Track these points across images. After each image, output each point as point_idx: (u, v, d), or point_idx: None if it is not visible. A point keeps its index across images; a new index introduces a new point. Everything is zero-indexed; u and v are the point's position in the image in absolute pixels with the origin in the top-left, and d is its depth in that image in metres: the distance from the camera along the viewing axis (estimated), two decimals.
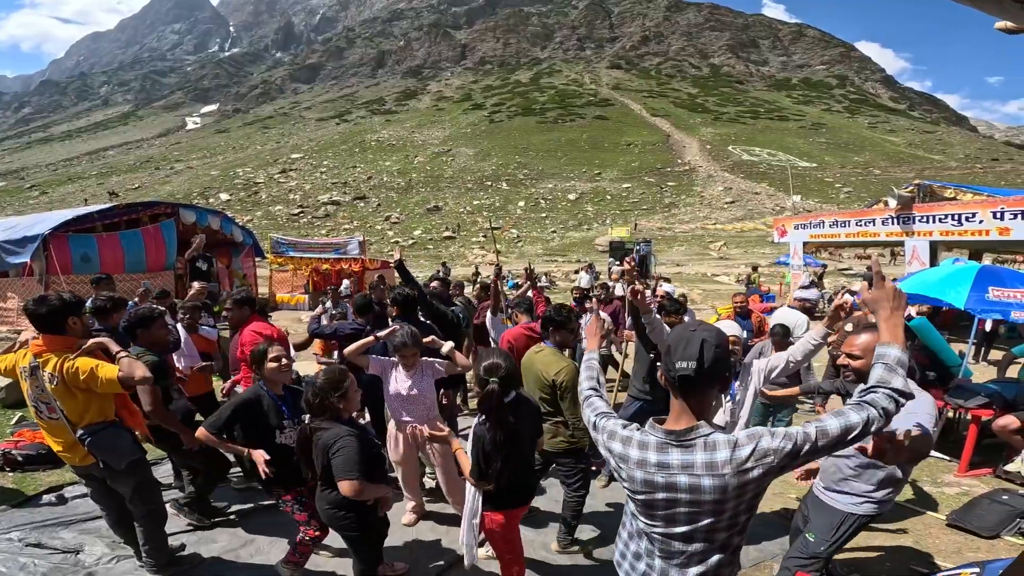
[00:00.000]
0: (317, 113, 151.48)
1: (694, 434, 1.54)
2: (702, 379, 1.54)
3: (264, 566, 3.35)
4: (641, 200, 64.74)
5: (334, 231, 50.58)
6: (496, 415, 2.47)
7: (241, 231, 13.91)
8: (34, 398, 2.84)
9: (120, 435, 2.89)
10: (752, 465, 1.49)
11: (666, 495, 1.57)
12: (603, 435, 1.75)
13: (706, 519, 1.56)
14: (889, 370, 1.52)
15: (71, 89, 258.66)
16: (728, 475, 1.49)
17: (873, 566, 3.30)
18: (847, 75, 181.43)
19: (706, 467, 1.51)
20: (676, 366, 1.55)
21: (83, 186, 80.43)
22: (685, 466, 1.54)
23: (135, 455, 2.95)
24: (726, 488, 1.50)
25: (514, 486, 2.61)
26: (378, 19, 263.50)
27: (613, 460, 1.71)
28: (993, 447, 4.83)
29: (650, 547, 1.69)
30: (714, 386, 1.59)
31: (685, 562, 1.62)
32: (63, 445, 2.92)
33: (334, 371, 2.66)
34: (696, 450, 1.53)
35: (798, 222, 13.29)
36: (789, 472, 1.61)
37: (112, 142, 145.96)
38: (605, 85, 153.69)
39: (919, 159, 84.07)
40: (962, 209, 9.17)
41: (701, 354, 1.52)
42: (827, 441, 1.49)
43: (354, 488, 2.41)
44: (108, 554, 3.33)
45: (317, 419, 2.57)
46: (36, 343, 2.79)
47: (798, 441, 1.49)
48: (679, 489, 1.55)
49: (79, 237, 10.02)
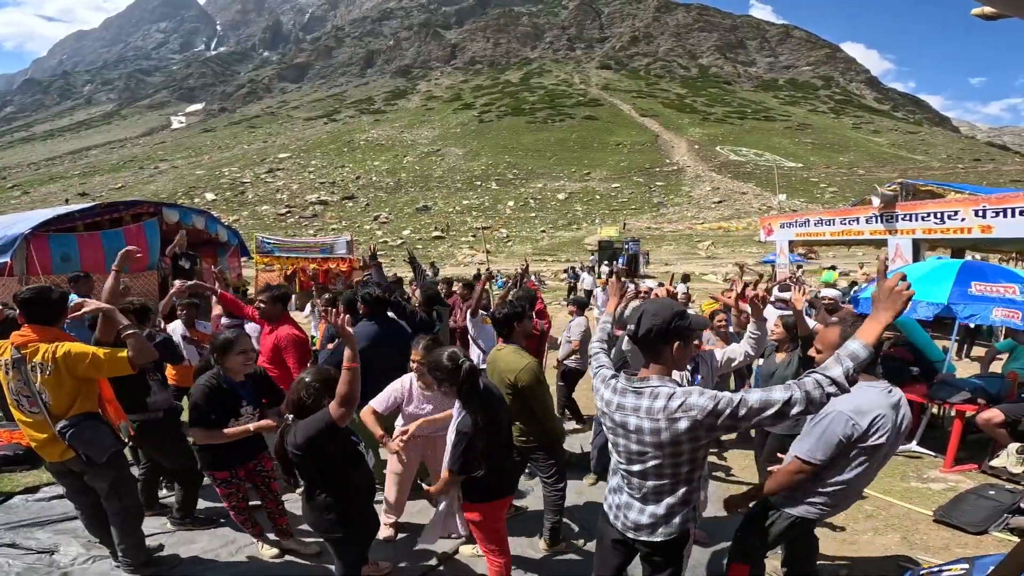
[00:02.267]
0: (305, 112, 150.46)
1: (645, 384, 1.88)
2: (639, 342, 1.91)
3: (244, 565, 3.31)
4: (630, 200, 65.08)
5: (322, 231, 50.26)
6: (476, 394, 2.48)
7: (226, 231, 13.73)
8: (16, 392, 2.78)
9: (100, 427, 2.85)
10: (679, 415, 1.76)
11: (622, 433, 1.92)
12: (597, 381, 2.10)
13: (652, 460, 1.86)
14: (836, 359, 1.62)
15: (54, 88, 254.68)
16: (661, 420, 1.79)
17: (861, 562, 3.30)
18: (832, 76, 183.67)
19: (646, 412, 1.83)
20: (627, 328, 1.96)
21: (65, 186, 79.26)
22: (634, 409, 1.87)
23: (115, 447, 2.91)
24: (659, 432, 1.80)
25: (497, 475, 2.59)
26: (367, 18, 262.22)
27: (600, 404, 2.04)
28: (978, 443, 4.85)
29: (620, 483, 2.04)
30: (656, 348, 1.89)
31: (643, 499, 1.95)
32: (42, 441, 2.85)
33: (327, 371, 2.62)
34: (643, 397, 1.86)
35: (784, 221, 13.39)
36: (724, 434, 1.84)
37: (95, 141, 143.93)
38: (595, 85, 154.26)
39: (902, 159, 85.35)
40: (944, 207, 9.27)
41: (638, 323, 1.89)
42: (747, 411, 1.67)
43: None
44: (84, 554, 3.27)
45: (300, 420, 2.49)
46: (19, 335, 2.75)
47: (720, 404, 1.70)
48: (628, 429, 1.89)
49: (60, 237, 9.83)
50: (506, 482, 2.74)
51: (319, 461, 2.42)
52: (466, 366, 2.48)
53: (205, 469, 3.25)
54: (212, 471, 3.20)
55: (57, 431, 2.74)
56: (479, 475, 2.51)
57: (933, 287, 4.71)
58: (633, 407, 1.86)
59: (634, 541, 2.01)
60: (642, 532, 1.96)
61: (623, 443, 1.93)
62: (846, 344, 1.63)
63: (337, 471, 2.45)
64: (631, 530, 2.00)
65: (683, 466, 1.86)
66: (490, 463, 2.52)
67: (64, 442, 2.77)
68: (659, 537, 1.94)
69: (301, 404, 2.46)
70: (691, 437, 1.78)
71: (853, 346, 1.61)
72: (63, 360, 2.66)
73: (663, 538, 1.94)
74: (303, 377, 2.54)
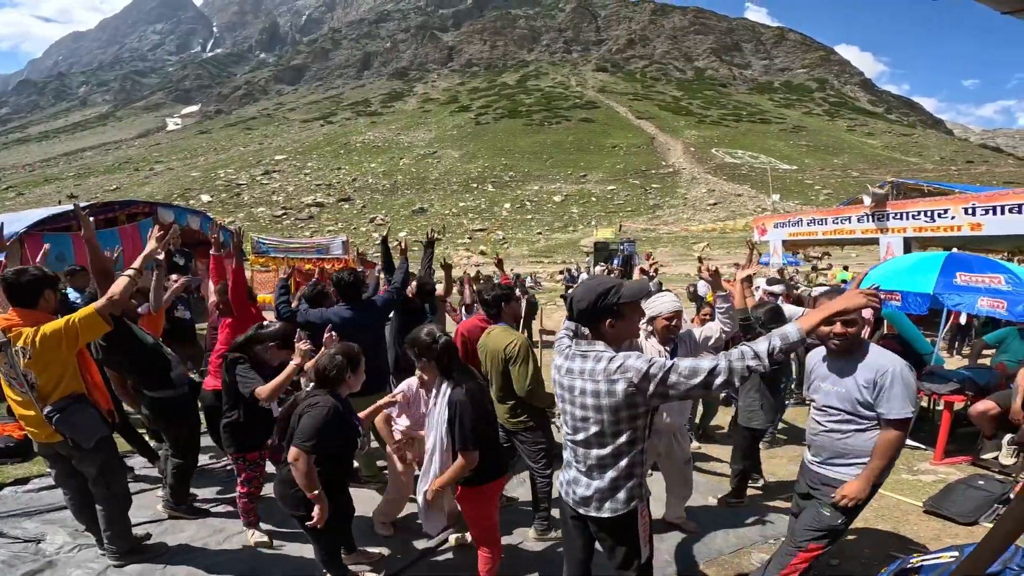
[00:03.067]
0: (301, 114, 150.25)
1: (592, 349, 1.95)
2: (576, 315, 1.99)
3: (233, 553, 3.31)
4: (626, 202, 65.20)
5: (318, 233, 50.22)
6: (457, 367, 2.50)
7: (222, 231, 13.73)
8: (6, 374, 2.81)
9: (87, 411, 2.85)
10: (617, 377, 1.84)
11: (568, 399, 2.00)
12: (555, 353, 2.16)
13: (593, 427, 1.93)
14: (766, 337, 1.72)
15: (49, 89, 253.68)
16: (600, 382, 1.87)
17: (852, 553, 3.31)
18: (827, 78, 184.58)
19: (589, 374, 1.91)
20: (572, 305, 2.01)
21: (60, 187, 78.81)
22: (580, 371, 1.95)
23: (103, 432, 2.90)
24: (599, 394, 1.88)
25: (491, 453, 2.57)
26: (365, 20, 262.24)
27: (554, 372, 2.11)
28: (968, 436, 4.88)
29: (569, 457, 2.10)
30: (595, 321, 1.96)
31: (588, 472, 2.00)
32: (32, 421, 2.86)
33: (352, 348, 2.71)
34: (589, 360, 1.93)
35: (777, 221, 13.46)
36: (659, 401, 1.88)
37: (90, 143, 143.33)
38: (591, 88, 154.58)
39: (896, 161, 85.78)
40: (934, 206, 9.34)
41: (570, 303, 2.01)
42: (676, 377, 1.75)
43: (294, 455, 2.37)
44: (69, 543, 3.28)
45: (319, 389, 2.57)
46: (4, 318, 2.76)
47: (653, 368, 1.78)
48: (574, 392, 1.97)
49: (55, 236, 9.80)
50: (499, 460, 2.70)
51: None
52: (443, 340, 2.51)
53: (235, 451, 3.27)
54: (242, 452, 3.26)
55: (44, 415, 2.75)
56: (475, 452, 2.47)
57: (920, 278, 4.75)
58: (579, 370, 1.95)
59: (585, 517, 2.06)
60: (589, 507, 2.01)
61: (570, 409, 2.01)
62: (783, 326, 1.73)
63: (331, 459, 2.48)
64: (580, 505, 2.04)
65: (622, 435, 1.92)
66: (481, 440, 2.48)
67: (51, 426, 2.77)
68: (606, 513, 1.98)
69: (325, 375, 2.56)
70: (629, 403, 1.86)
71: (788, 328, 1.71)
72: (41, 342, 2.67)
73: (609, 514, 1.98)
74: (331, 351, 2.64)
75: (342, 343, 2.81)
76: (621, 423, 1.89)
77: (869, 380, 2.36)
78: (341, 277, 4.11)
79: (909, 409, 2.31)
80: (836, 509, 2.42)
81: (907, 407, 2.31)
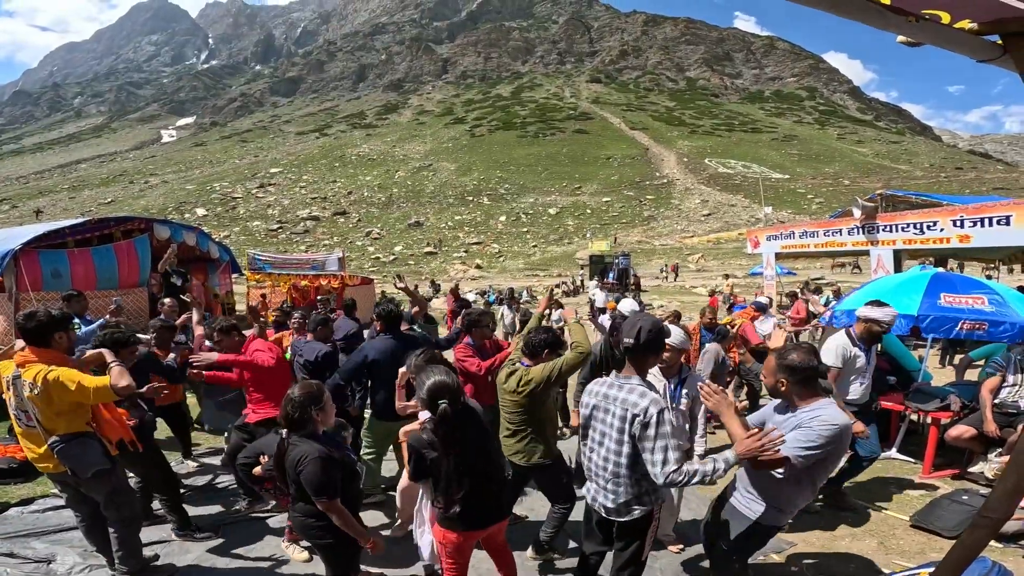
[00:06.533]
0: (297, 127, 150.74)
1: (628, 382, 2.37)
2: (637, 350, 2.34)
3: (240, 573, 3.36)
4: (621, 214, 65.50)
5: (313, 247, 50.22)
6: (452, 437, 2.38)
7: (218, 247, 13.70)
8: (15, 407, 2.94)
9: (89, 445, 2.96)
10: (639, 413, 2.25)
11: (599, 417, 2.43)
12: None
13: (612, 446, 2.36)
14: (711, 460, 2.21)
15: (44, 100, 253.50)
16: (628, 412, 2.28)
17: (837, 567, 3.37)
18: (816, 87, 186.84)
19: (623, 402, 2.32)
20: (623, 340, 2.35)
21: (54, 199, 78.68)
22: (615, 399, 2.36)
23: (102, 465, 2.99)
24: (625, 419, 2.29)
25: (473, 506, 2.45)
26: (360, 33, 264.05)
27: (585, 397, 2.56)
28: (957, 449, 4.95)
29: (587, 472, 2.51)
30: (647, 356, 2.37)
31: (604, 486, 2.42)
32: (39, 453, 2.99)
33: (312, 385, 2.67)
34: (624, 391, 2.35)
35: (770, 233, 13.63)
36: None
37: (85, 155, 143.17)
38: (585, 99, 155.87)
39: (886, 169, 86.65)
40: (923, 218, 9.50)
41: (638, 335, 2.31)
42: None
43: (325, 507, 2.47)
44: (80, 563, 3.34)
45: (293, 434, 2.55)
46: (21, 354, 2.91)
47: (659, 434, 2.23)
48: (608, 413, 2.38)
49: (50, 253, 9.80)
50: (477, 514, 2.51)
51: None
52: (443, 410, 2.33)
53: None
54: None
55: (48, 445, 2.89)
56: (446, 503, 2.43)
57: (905, 299, 4.86)
58: (615, 397, 2.39)
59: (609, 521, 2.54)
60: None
61: (595, 427, 2.50)
62: (725, 453, 2.21)
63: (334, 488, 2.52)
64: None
65: (640, 462, 2.31)
66: (470, 495, 2.41)
67: (55, 456, 2.91)
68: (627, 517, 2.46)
69: (290, 419, 2.53)
70: (640, 437, 2.28)
71: (727, 454, 2.20)
72: (53, 384, 2.77)
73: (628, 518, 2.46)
74: (289, 392, 2.60)
75: (301, 382, 2.78)
76: (636, 448, 2.31)
77: (799, 421, 2.31)
78: (383, 308, 4.22)
79: (802, 452, 2.19)
80: (729, 544, 2.52)
81: (802, 449, 2.20)
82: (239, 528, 3.95)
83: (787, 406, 2.46)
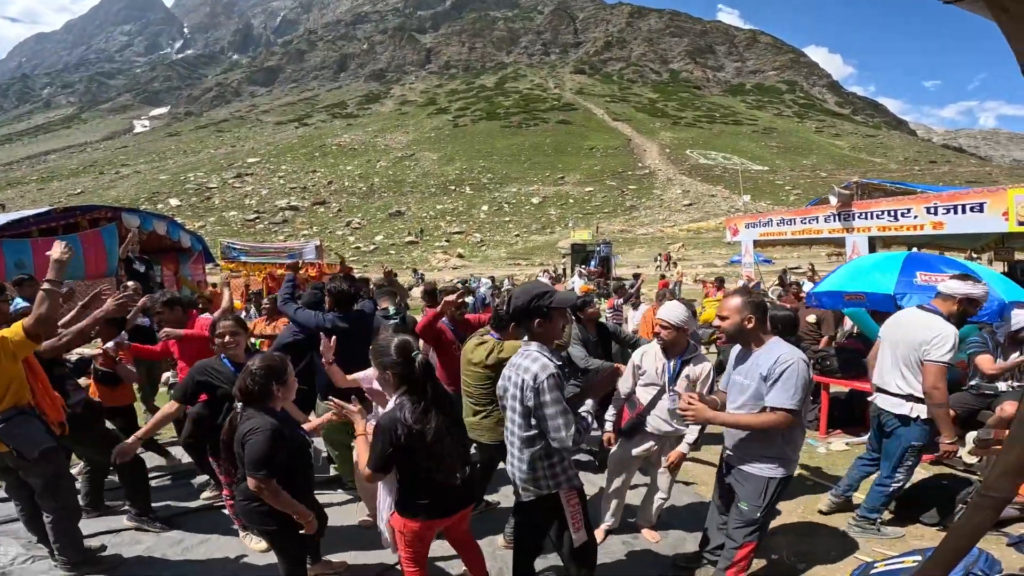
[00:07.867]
0: (275, 117, 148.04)
1: (526, 348, 2.38)
2: (511, 318, 2.54)
3: (191, 565, 3.27)
4: (603, 203, 65.71)
5: (292, 237, 49.42)
6: (434, 390, 2.28)
7: (190, 236, 13.37)
8: None
9: (31, 422, 2.85)
10: (529, 379, 2.25)
11: (505, 384, 2.41)
12: None
13: (515, 417, 2.34)
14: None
15: (11, 91, 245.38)
16: (521, 378, 2.29)
17: (819, 555, 3.31)
18: (796, 80, 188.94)
19: (518, 368, 2.33)
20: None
21: (23, 191, 76.27)
22: (516, 365, 2.37)
23: (47, 443, 2.89)
24: (519, 386, 2.29)
25: (436, 493, 2.31)
26: (341, 22, 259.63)
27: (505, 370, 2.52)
28: None
29: (509, 437, 2.43)
30: (522, 323, 2.38)
31: (520, 448, 2.35)
32: None
33: (274, 357, 2.53)
34: (520, 356, 2.38)
35: (748, 221, 13.68)
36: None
37: (54, 146, 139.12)
38: (569, 90, 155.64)
39: (862, 162, 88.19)
40: (898, 205, 9.58)
41: (508, 303, 2.50)
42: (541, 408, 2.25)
43: (255, 487, 2.28)
44: (23, 554, 3.28)
45: (249, 407, 2.40)
46: None
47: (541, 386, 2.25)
48: (510, 381, 2.37)
49: (13, 243, 9.46)
50: (441, 501, 2.35)
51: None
52: (419, 358, 2.28)
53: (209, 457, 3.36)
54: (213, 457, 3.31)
55: None
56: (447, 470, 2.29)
57: (880, 277, 4.85)
58: (514, 363, 2.41)
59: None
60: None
61: (504, 394, 2.54)
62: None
63: (272, 466, 2.35)
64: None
65: (539, 421, 2.31)
66: (423, 476, 2.27)
67: None
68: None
69: (248, 391, 2.41)
70: (536, 401, 2.30)
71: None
72: None
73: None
74: (249, 365, 2.47)
75: (265, 354, 2.64)
76: (531, 410, 2.29)
77: (767, 371, 2.45)
78: (335, 286, 4.09)
79: (790, 404, 2.38)
80: (751, 504, 2.58)
81: (789, 401, 2.39)
82: (188, 519, 3.84)
83: (745, 354, 2.62)
